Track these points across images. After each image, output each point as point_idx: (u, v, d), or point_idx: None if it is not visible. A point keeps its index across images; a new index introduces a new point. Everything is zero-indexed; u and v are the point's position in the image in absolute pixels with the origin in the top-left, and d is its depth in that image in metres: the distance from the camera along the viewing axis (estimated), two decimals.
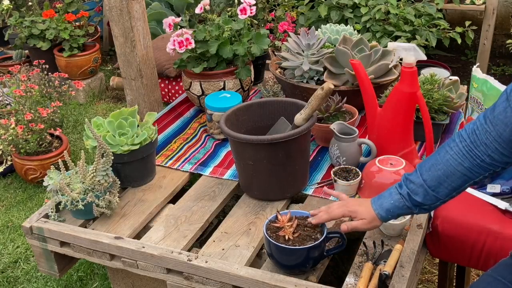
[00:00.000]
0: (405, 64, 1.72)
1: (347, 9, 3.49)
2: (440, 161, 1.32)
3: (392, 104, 1.79)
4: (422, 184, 1.35)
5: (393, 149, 1.84)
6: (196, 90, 2.30)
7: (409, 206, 1.38)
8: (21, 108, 2.90)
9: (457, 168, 1.30)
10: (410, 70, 1.72)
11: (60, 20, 3.95)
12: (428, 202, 1.36)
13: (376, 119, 1.85)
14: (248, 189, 1.86)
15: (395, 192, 1.41)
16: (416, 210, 1.39)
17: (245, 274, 1.51)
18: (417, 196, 1.36)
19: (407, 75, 1.73)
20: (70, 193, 1.73)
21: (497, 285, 1.36)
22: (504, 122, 1.21)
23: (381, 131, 1.83)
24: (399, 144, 1.84)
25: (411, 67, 1.72)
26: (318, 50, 2.21)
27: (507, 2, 4.15)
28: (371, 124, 1.88)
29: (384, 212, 1.42)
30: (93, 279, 2.38)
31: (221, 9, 3.32)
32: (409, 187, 1.37)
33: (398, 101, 1.77)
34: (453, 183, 1.32)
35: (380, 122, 1.83)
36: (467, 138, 1.29)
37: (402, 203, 1.39)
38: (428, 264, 2.39)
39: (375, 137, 1.87)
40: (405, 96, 1.74)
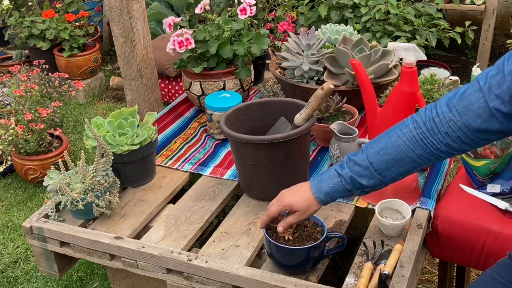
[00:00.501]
0: (405, 64, 1.72)
1: (347, 9, 3.49)
2: (391, 145, 1.30)
3: (392, 104, 1.79)
4: (368, 167, 1.32)
5: None
6: (196, 90, 2.30)
7: (350, 189, 1.36)
8: (21, 108, 2.90)
9: (408, 154, 1.28)
10: (410, 70, 1.72)
11: (60, 20, 3.95)
12: (372, 185, 1.34)
13: (376, 119, 1.84)
14: (248, 189, 1.86)
15: (334, 174, 1.37)
16: (357, 192, 1.37)
17: (245, 274, 1.51)
18: (361, 178, 1.33)
19: (407, 75, 1.73)
20: (70, 193, 1.73)
21: (495, 284, 1.36)
22: (476, 113, 1.19)
23: (381, 131, 1.80)
24: None
25: (411, 67, 1.72)
26: (318, 50, 2.22)
27: (507, 2, 4.15)
28: (371, 124, 1.88)
29: (324, 195, 1.40)
30: (93, 279, 2.38)
31: (221, 9, 3.32)
32: (352, 170, 1.34)
33: (398, 101, 1.77)
34: (402, 168, 1.31)
35: (380, 122, 1.82)
36: (423, 126, 1.26)
37: (342, 186, 1.36)
38: (428, 264, 2.39)
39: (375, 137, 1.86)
40: (405, 96, 1.74)
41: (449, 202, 1.78)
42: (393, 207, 1.69)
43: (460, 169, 1.97)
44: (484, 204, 1.74)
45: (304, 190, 1.43)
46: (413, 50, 1.70)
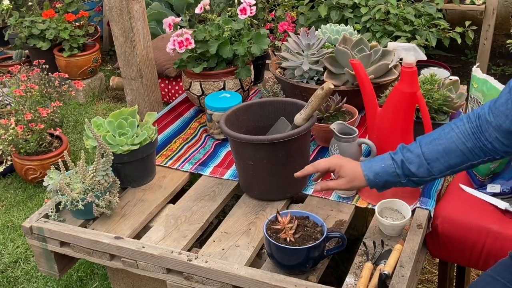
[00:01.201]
0: (405, 64, 1.72)
1: (347, 9, 3.49)
2: (444, 137, 1.34)
3: (392, 104, 1.79)
4: (420, 155, 1.35)
5: (393, 149, 1.83)
6: (196, 90, 2.30)
7: (399, 174, 1.38)
8: (21, 108, 2.90)
9: (459, 146, 1.31)
10: (410, 70, 1.71)
11: (60, 20, 3.95)
12: (420, 174, 1.37)
13: (376, 119, 1.84)
14: (248, 189, 1.86)
15: (388, 157, 1.41)
16: (405, 181, 1.39)
17: (245, 274, 1.51)
18: (411, 165, 1.36)
19: (407, 75, 1.72)
20: (70, 193, 1.73)
21: (495, 284, 1.36)
22: (505, 113, 1.23)
23: (381, 131, 1.82)
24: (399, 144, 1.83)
25: (411, 67, 1.71)
26: (318, 50, 2.22)
27: (507, 2, 4.15)
28: (371, 124, 1.88)
29: (373, 174, 1.41)
30: (93, 279, 2.38)
31: (221, 9, 3.32)
32: (405, 155, 1.38)
33: (398, 101, 1.76)
34: (451, 160, 1.33)
35: (380, 122, 1.82)
36: (474, 121, 1.31)
37: (392, 169, 1.39)
38: (428, 264, 2.39)
39: (375, 137, 1.86)
40: (405, 96, 1.73)
41: (449, 202, 1.78)
42: (393, 207, 1.69)
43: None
44: (484, 204, 1.74)
45: (356, 165, 1.47)
46: (413, 50, 1.70)
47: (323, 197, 1.82)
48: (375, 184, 1.43)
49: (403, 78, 1.72)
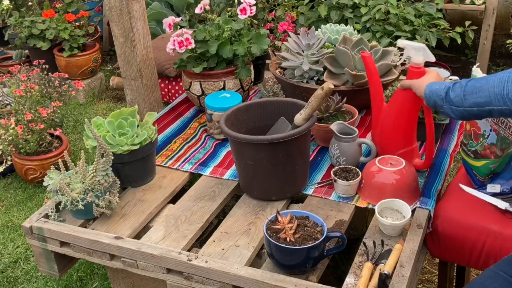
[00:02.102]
0: (413, 63, 1.72)
1: (347, 9, 3.49)
2: (485, 78, 1.47)
3: (397, 102, 1.79)
4: (462, 85, 1.50)
5: (395, 146, 1.84)
6: (196, 90, 2.30)
7: (443, 98, 1.54)
8: (21, 108, 2.89)
9: (489, 88, 1.44)
10: (417, 71, 1.71)
11: (60, 20, 3.95)
12: (454, 99, 1.51)
13: (381, 114, 1.85)
14: (248, 189, 1.86)
15: (446, 84, 1.55)
16: (446, 106, 1.53)
17: (245, 274, 1.51)
18: (452, 91, 1.51)
19: (414, 75, 1.72)
20: (70, 193, 1.73)
21: (498, 279, 1.37)
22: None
23: (385, 127, 1.84)
24: (401, 142, 1.84)
25: (419, 67, 1.71)
26: (318, 50, 2.22)
27: (507, 2, 4.15)
28: (375, 119, 1.88)
29: (429, 90, 1.59)
30: (93, 279, 2.38)
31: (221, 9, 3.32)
32: (454, 84, 1.52)
33: (404, 100, 1.77)
34: (479, 98, 1.45)
35: (385, 118, 1.83)
36: (509, 72, 1.43)
37: (441, 91, 1.54)
38: (428, 264, 2.39)
39: (378, 132, 1.87)
40: (411, 96, 1.73)
41: (449, 202, 1.78)
42: (393, 207, 1.69)
43: (460, 169, 1.97)
44: (484, 204, 1.74)
45: (429, 78, 1.66)
46: (422, 51, 1.70)
47: (323, 197, 1.82)
48: (427, 99, 1.60)
49: (410, 77, 1.73)
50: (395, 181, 1.73)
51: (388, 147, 1.86)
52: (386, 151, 1.85)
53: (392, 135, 1.83)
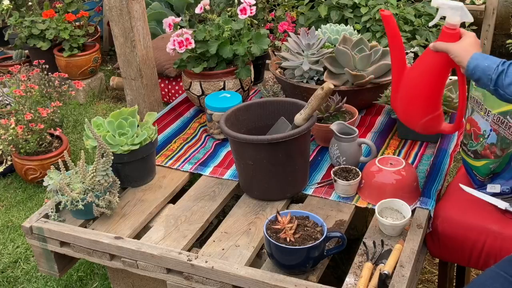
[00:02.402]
0: (447, 24, 1.53)
1: (347, 9, 3.49)
2: None
3: (425, 65, 1.62)
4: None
5: (418, 113, 1.67)
6: (196, 90, 2.30)
7: (492, 79, 1.41)
8: (21, 108, 2.89)
9: None
10: (452, 32, 1.53)
11: (60, 20, 3.95)
12: (505, 89, 1.40)
13: (402, 79, 1.67)
14: (248, 189, 1.86)
15: (497, 62, 1.43)
16: (492, 87, 1.42)
17: (245, 274, 1.51)
18: (506, 78, 1.39)
19: (447, 36, 1.54)
20: (70, 193, 1.73)
21: (499, 279, 1.37)
22: None
23: (407, 92, 1.67)
24: (428, 107, 1.66)
25: (454, 28, 1.53)
26: (318, 50, 2.22)
27: (507, 2, 4.15)
28: (396, 84, 1.71)
29: (473, 66, 1.45)
30: (93, 279, 2.38)
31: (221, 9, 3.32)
32: (508, 69, 1.40)
33: (433, 63, 1.59)
34: None
35: (408, 83, 1.66)
36: None
37: (490, 72, 1.42)
38: (428, 264, 2.39)
39: (398, 99, 1.71)
40: (443, 60, 1.55)
41: (449, 202, 1.78)
42: (393, 207, 1.69)
43: (460, 169, 1.97)
44: (484, 204, 1.74)
45: (471, 50, 1.49)
46: (460, 10, 1.52)
47: (323, 197, 1.82)
48: (470, 74, 1.47)
49: (442, 39, 1.56)
50: (395, 181, 1.73)
51: (412, 113, 1.69)
52: (409, 118, 1.71)
53: (415, 101, 1.67)
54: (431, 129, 1.70)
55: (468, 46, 1.50)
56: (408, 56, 2.30)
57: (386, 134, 2.14)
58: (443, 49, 1.53)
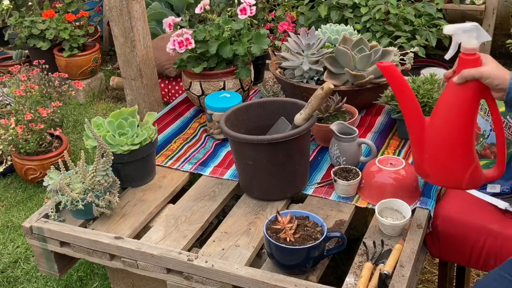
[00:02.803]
0: (465, 50, 1.34)
1: (347, 9, 3.49)
2: None
3: (450, 104, 1.37)
4: None
5: (460, 167, 1.43)
6: (196, 90, 2.30)
7: None
8: (21, 108, 2.89)
9: None
10: (472, 58, 1.33)
11: (60, 20, 3.95)
12: None
13: (425, 135, 1.43)
14: (248, 189, 1.86)
15: None
16: None
17: (245, 274, 1.51)
18: None
19: (468, 64, 1.33)
20: (70, 193, 1.73)
21: (503, 281, 1.36)
22: None
23: (438, 147, 1.41)
24: (467, 156, 1.41)
25: (474, 53, 1.33)
26: (318, 50, 2.22)
27: (507, 2, 4.15)
28: (418, 145, 1.45)
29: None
30: (93, 279, 2.38)
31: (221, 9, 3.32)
32: None
33: (460, 98, 1.35)
34: None
35: (434, 136, 1.41)
36: None
37: None
38: (428, 264, 2.39)
39: (426, 160, 1.45)
40: (470, 90, 1.33)
41: (449, 202, 1.78)
42: (393, 207, 1.69)
43: None
44: (484, 204, 1.73)
45: (506, 71, 1.32)
46: (475, 31, 1.33)
47: (323, 197, 1.82)
48: (508, 99, 1.30)
49: (464, 67, 1.35)
50: (395, 181, 1.73)
51: (452, 171, 1.44)
52: (450, 177, 1.45)
53: (454, 152, 1.41)
54: (477, 180, 1.46)
55: (499, 67, 1.32)
56: (408, 56, 2.30)
57: (386, 134, 2.14)
58: (474, 76, 1.31)
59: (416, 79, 2.08)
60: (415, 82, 2.05)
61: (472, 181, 1.45)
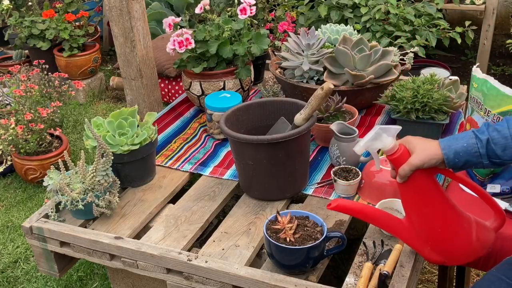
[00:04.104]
0: (386, 152, 1.37)
1: (347, 9, 3.49)
2: None
3: (413, 201, 1.40)
4: (507, 137, 1.26)
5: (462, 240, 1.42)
6: (196, 90, 2.30)
7: (482, 154, 1.28)
8: (21, 108, 2.90)
9: None
10: (397, 155, 1.35)
11: (60, 20, 3.95)
12: (504, 156, 1.27)
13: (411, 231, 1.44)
14: (248, 189, 1.86)
15: (471, 136, 1.29)
16: (486, 162, 1.29)
17: (245, 274, 1.51)
18: (497, 146, 1.26)
19: (398, 161, 1.35)
20: (70, 193, 1.73)
21: (500, 284, 1.36)
22: None
23: (431, 237, 1.41)
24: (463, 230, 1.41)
25: (395, 150, 1.35)
26: (318, 50, 2.22)
27: (507, 2, 4.15)
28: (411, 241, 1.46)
29: (453, 154, 1.29)
30: (93, 279, 2.38)
31: (221, 9, 3.32)
32: (491, 135, 1.27)
33: (415, 191, 1.38)
34: None
35: (422, 229, 1.41)
36: None
37: (475, 149, 1.28)
38: (428, 264, 2.39)
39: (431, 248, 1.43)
40: (418, 180, 1.35)
41: None
42: (393, 207, 1.69)
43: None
44: (484, 204, 1.73)
45: (432, 145, 1.33)
46: (382, 133, 1.35)
47: (323, 197, 1.82)
48: (454, 164, 1.30)
49: (398, 165, 1.36)
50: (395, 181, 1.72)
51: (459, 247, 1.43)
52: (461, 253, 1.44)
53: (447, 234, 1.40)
54: (488, 239, 1.46)
55: (424, 145, 1.33)
56: (408, 56, 2.31)
57: None
58: (411, 169, 1.33)
59: (416, 79, 2.08)
60: (415, 82, 2.05)
61: (484, 242, 1.44)
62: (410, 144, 1.35)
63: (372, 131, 1.34)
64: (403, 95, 2.02)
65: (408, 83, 2.07)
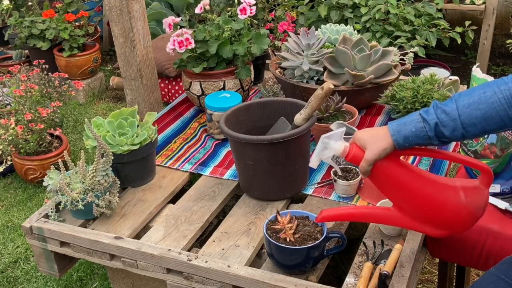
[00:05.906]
0: (341, 155, 1.39)
1: (347, 9, 3.49)
2: (484, 101, 1.23)
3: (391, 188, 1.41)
4: (456, 118, 1.26)
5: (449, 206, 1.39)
6: (196, 90, 2.30)
7: (431, 137, 1.29)
8: (21, 108, 2.90)
9: (499, 113, 1.22)
10: (352, 155, 1.37)
11: (60, 20, 3.95)
12: (453, 137, 1.28)
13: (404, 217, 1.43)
14: (248, 189, 1.86)
15: (418, 119, 1.30)
16: (436, 142, 1.30)
17: (245, 274, 1.51)
18: (445, 128, 1.27)
19: (355, 159, 1.37)
20: (70, 193, 1.73)
21: (500, 283, 1.35)
22: None
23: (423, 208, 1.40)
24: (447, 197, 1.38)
25: (348, 151, 1.37)
26: (318, 50, 2.22)
27: (507, 2, 4.15)
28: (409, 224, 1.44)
29: (402, 139, 1.31)
30: (93, 279, 2.38)
31: (221, 9, 3.32)
32: (439, 117, 1.27)
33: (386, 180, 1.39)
34: (488, 126, 1.24)
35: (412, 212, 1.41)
36: None
37: (424, 132, 1.29)
38: (428, 264, 2.39)
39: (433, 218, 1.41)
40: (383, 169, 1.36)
41: None
42: None
43: (460, 169, 1.97)
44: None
45: (382, 133, 1.34)
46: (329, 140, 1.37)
47: (323, 197, 1.82)
48: (405, 148, 1.32)
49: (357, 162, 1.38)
50: None
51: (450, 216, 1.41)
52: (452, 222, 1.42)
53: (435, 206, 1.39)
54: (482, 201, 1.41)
55: (373, 137, 1.34)
56: (408, 56, 2.31)
57: None
58: (369, 164, 1.35)
59: (416, 79, 2.08)
60: (415, 82, 2.05)
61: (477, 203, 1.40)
62: (360, 140, 1.37)
63: (319, 143, 1.37)
64: (403, 95, 2.02)
65: (408, 83, 2.07)
